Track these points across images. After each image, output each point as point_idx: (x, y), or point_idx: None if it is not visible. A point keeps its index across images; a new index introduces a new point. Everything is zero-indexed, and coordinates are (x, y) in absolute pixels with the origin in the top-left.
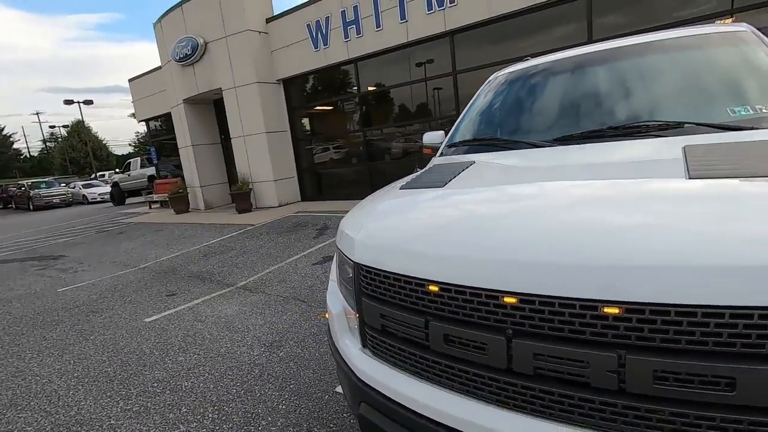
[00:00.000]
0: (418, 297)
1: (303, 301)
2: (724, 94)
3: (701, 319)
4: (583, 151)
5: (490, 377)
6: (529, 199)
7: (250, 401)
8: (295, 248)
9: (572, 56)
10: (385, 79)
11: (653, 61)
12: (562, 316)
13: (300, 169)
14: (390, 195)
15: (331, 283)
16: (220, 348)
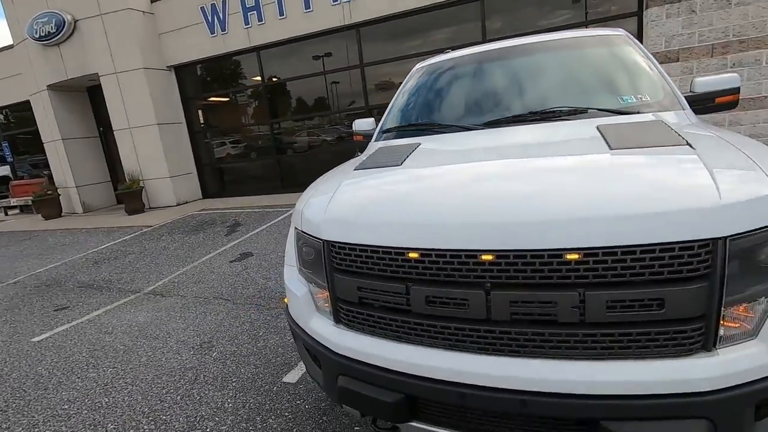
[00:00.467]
0: (398, 265)
1: (227, 299)
2: (614, 84)
3: (655, 254)
4: (516, 133)
5: (471, 329)
6: (489, 172)
7: (190, 405)
8: (206, 247)
9: (492, 50)
10: (290, 71)
11: (560, 56)
12: (533, 265)
13: (200, 165)
14: (350, 175)
15: (289, 268)
16: (140, 357)
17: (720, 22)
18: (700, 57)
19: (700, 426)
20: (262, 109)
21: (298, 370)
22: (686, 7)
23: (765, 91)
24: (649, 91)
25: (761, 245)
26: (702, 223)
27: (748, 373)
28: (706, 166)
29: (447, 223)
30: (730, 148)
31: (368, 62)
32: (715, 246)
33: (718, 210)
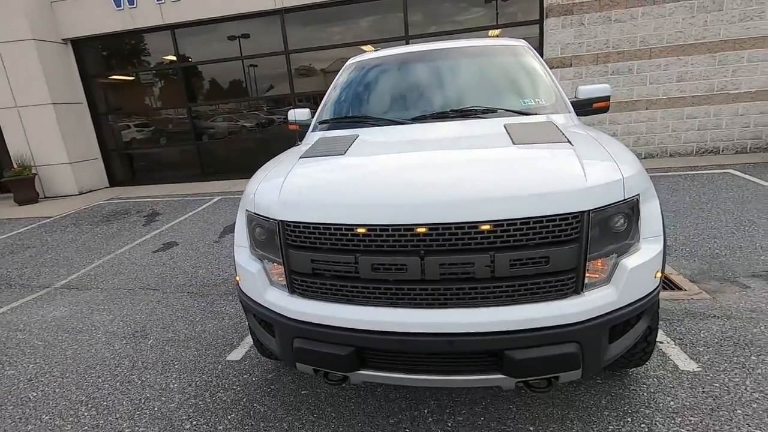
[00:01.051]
0: (348, 239)
1: (155, 289)
2: (517, 88)
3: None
4: (441, 128)
5: (408, 288)
6: (422, 161)
7: (132, 390)
8: (123, 238)
9: (418, 51)
10: (209, 53)
11: (475, 62)
12: (457, 235)
13: (105, 150)
14: (298, 163)
15: (239, 249)
16: (64, 351)
17: (603, 35)
18: (587, 64)
19: (572, 347)
20: (178, 92)
21: (241, 348)
22: (577, 20)
23: (636, 96)
24: (544, 95)
25: (612, 216)
26: (574, 201)
27: (603, 308)
28: (579, 159)
29: (389, 203)
30: (597, 145)
31: (293, 49)
32: (583, 217)
33: (584, 191)
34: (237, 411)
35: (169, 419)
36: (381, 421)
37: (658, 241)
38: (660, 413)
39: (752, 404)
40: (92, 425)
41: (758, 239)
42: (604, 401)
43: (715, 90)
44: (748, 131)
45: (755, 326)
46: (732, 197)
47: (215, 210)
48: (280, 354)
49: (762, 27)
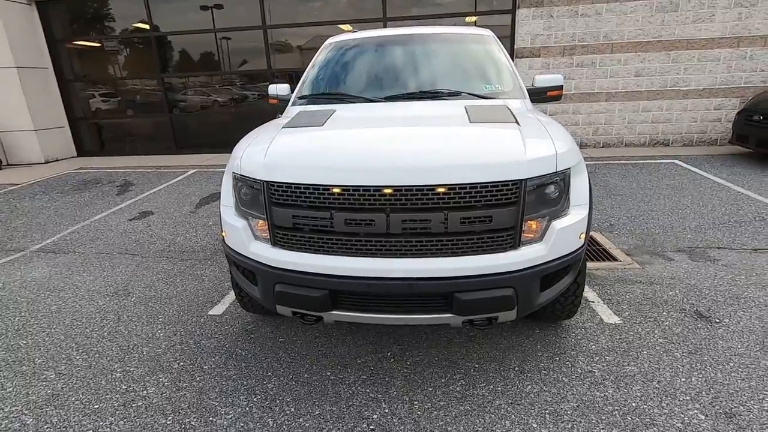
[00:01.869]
0: (325, 198)
1: (134, 254)
2: (481, 74)
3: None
4: (408, 107)
5: (375, 240)
6: (391, 134)
7: (119, 338)
8: (97, 207)
9: (393, 35)
10: (185, 23)
11: (445, 47)
12: (417, 195)
13: (73, 118)
14: (281, 132)
15: (225, 208)
16: (48, 306)
17: (570, 28)
18: (555, 55)
19: (509, 291)
20: (150, 62)
21: (221, 305)
22: (547, 12)
23: (598, 88)
24: (504, 83)
25: (546, 184)
26: (515, 170)
27: (535, 260)
28: (522, 136)
29: (362, 167)
30: (540, 126)
31: (271, 24)
32: (521, 184)
33: (524, 163)
34: (220, 354)
35: (157, 361)
36: (350, 361)
37: (584, 209)
38: (582, 354)
39: (656, 347)
40: (84, 366)
41: (688, 221)
42: (538, 345)
43: (668, 86)
44: (695, 126)
45: (671, 290)
46: (672, 184)
47: (190, 182)
48: (262, 299)
49: (712, 29)
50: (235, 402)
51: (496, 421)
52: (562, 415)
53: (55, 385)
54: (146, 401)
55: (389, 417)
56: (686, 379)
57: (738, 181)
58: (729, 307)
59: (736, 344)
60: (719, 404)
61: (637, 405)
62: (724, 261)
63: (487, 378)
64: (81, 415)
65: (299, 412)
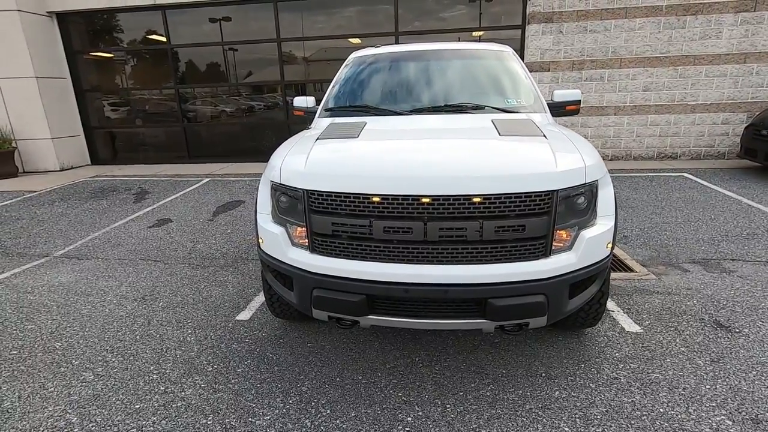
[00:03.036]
0: (365, 206)
1: (156, 261)
2: (502, 89)
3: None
4: (436, 119)
5: (413, 247)
6: (425, 145)
7: (152, 342)
8: (116, 214)
9: (415, 51)
10: (200, 36)
11: (467, 63)
12: (454, 205)
13: (88, 127)
14: (318, 143)
15: (262, 215)
16: (79, 310)
17: (578, 44)
18: (564, 69)
19: (540, 298)
20: (166, 74)
21: (248, 310)
22: (556, 28)
23: (606, 102)
24: (525, 97)
25: (575, 195)
26: (547, 182)
27: (565, 268)
28: (551, 149)
29: (401, 177)
30: (566, 139)
31: (285, 37)
32: (553, 195)
33: (555, 174)
34: (252, 358)
35: (191, 363)
36: (380, 365)
37: (610, 219)
38: (607, 361)
39: (678, 355)
40: (121, 368)
41: (701, 233)
42: (563, 352)
43: (675, 100)
44: (702, 139)
45: (689, 300)
46: (683, 197)
47: (205, 191)
48: (298, 303)
49: (719, 46)
50: (271, 404)
51: (528, 424)
52: (592, 419)
53: (94, 385)
54: (185, 402)
55: (423, 420)
56: (711, 387)
57: (748, 195)
58: (748, 317)
59: (758, 353)
60: (745, 410)
61: (665, 411)
62: (740, 273)
63: (515, 384)
64: (123, 414)
65: (335, 414)
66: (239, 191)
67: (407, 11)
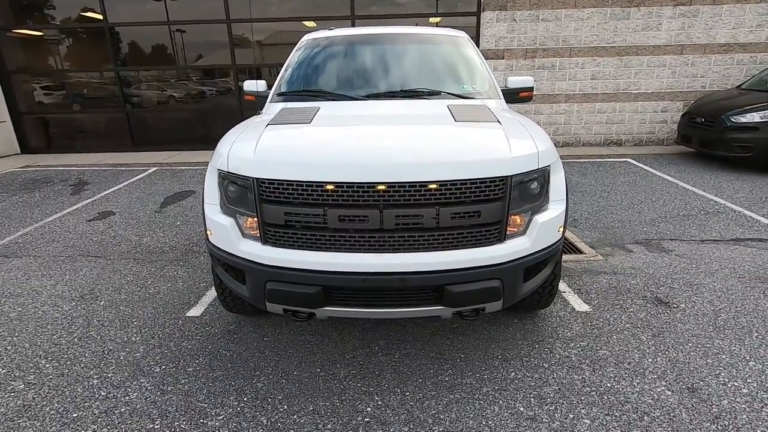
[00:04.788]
0: (318, 194)
1: (97, 257)
2: (458, 75)
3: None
4: (391, 105)
5: (369, 236)
6: (381, 132)
7: (92, 344)
8: (49, 207)
9: (370, 34)
10: (143, 15)
11: (423, 48)
12: (410, 192)
13: (16, 113)
14: (268, 128)
15: (209, 206)
16: (7, 314)
17: (531, 32)
18: (517, 58)
19: (496, 283)
20: (105, 55)
21: (199, 306)
22: (510, 16)
23: (557, 90)
24: (480, 83)
25: (528, 181)
26: (501, 167)
27: (519, 253)
28: (505, 135)
29: (356, 164)
30: (519, 125)
31: (235, 18)
32: (507, 180)
33: (509, 160)
34: (204, 356)
35: (137, 365)
36: (338, 356)
37: (562, 204)
38: (559, 340)
39: (624, 332)
40: (56, 374)
41: (643, 215)
42: (518, 334)
43: (620, 89)
44: (644, 126)
45: (633, 279)
46: (627, 181)
47: (152, 181)
48: (251, 297)
49: (659, 37)
50: (225, 402)
51: (486, 407)
52: (545, 398)
53: (25, 395)
54: (130, 407)
55: (383, 409)
56: (652, 360)
57: (684, 178)
58: (684, 293)
59: (693, 326)
60: (683, 381)
61: (612, 385)
62: (677, 251)
63: (473, 367)
64: (59, 425)
65: (292, 409)
66: (190, 181)
67: None
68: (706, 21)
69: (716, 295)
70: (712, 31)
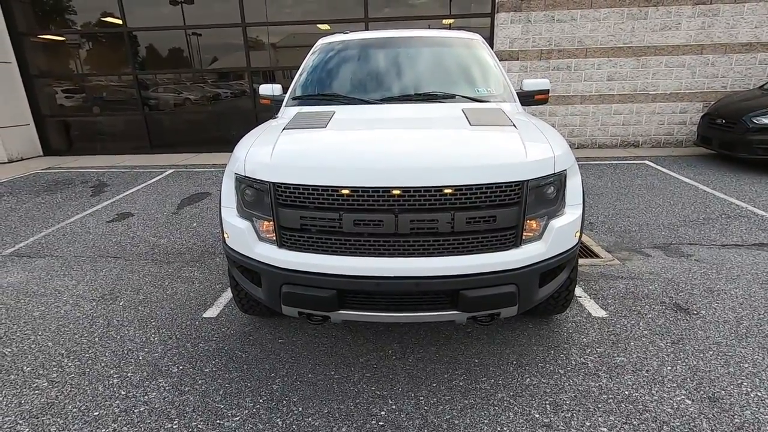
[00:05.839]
0: (334, 199)
1: (116, 257)
2: (472, 78)
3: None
4: (406, 109)
5: (384, 240)
6: (396, 135)
7: (112, 343)
8: (71, 208)
9: (386, 37)
10: (162, 20)
11: (437, 51)
12: (425, 196)
13: (39, 116)
14: (284, 133)
15: (226, 209)
16: (31, 312)
17: (546, 33)
18: (532, 59)
19: (511, 288)
20: (124, 59)
21: (215, 307)
22: (525, 17)
23: (573, 92)
24: (494, 86)
25: (545, 185)
26: (517, 172)
27: (535, 258)
28: (521, 139)
29: (371, 168)
30: (535, 129)
31: (250, 22)
32: (523, 185)
33: (525, 164)
34: (220, 357)
35: (155, 365)
36: (352, 359)
37: (578, 208)
38: (575, 346)
39: (642, 338)
40: (78, 373)
41: (661, 218)
42: (533, 339)
43: (638, 90)
44: (662, 128)
45: (651, 284)
46: (645, 184)
47: (169, 183)
48: (266, 300)
49: (678, 37)
50: (241, 404)
51: (500, 412)
52: (562, 405)
53: (48, 393)
54: (149, 406)
55: (397, 413)
56: (672, 368)
57: (704, 181)
58: (704, 299)
59: (714, 334)
60: (703, 390)
61: (630, 393)
62: (696, 256)
63: (487, 372)
64: (80, 422)
65: (307, 411)
66: (206, 182)
67: None
68: (727, 20)
69: (738, 301)
70: (733, 30)
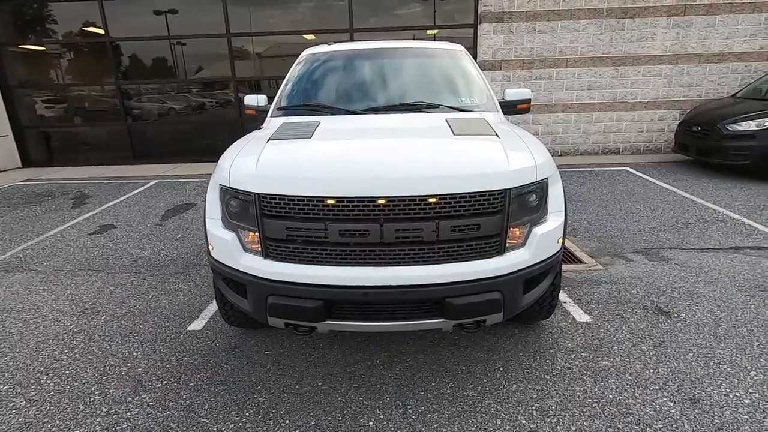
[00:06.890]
0: (319, 209)
1: (98, 270)
2: (456, 88)
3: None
4: (391, 119)
5: (370, 249)
6: (381, 145)
7: (93, 359)
8: (50, 221)
9: (370, 48)
10: (144, 29)
11: (421, 62)
12: (410, 206)
13: (18, 126)
14: (269, 144)
15: (211, 220)
16: (8, 329)
17: (528, 44)
18: (515, 68)
19: (496, 295)
20: (107, 69)
21: (201, 320)
22: (507, 28)
23: (555, 100)
24: (478, 96)
25: (527, 193)
26: (500, 180)
27: (519, 264)
28: (504, 148)
29: (356, 179)
30: (518, 138)
31: (235, 32)
32: (506, 193)
33: (508, 173)
34: (205, 370)
35: (138, 380)
36: (340, 370)
37: (560, 215)
38: (561, 351)
39: (625, 342)
40: (57, 391)
41: (642, 224)
42: (519, 345)
43: (617, 98)
44: (642, 135)
45: (633, 288)
46: (626, 190)
47: (153, 194)
48: (252, 311)
49: (654, 47)
50: (227, 417)
51: (488, 420)
52: (548, 410)
53: (26, 412)
54: (131, 423)
55: (385, 423)
56: (654, 371)
57: (682, 187)
58: (684, 302)
59: (694, 336)
60: (684, 391)
61: (614, 396)
62: (676, 260)
63: (474, 379)
64: None
65: (295, 424)
66: (190, 193)
67: (362, 7)
68: (700, 31)
69: (716, 304)
70: (706, 41)
